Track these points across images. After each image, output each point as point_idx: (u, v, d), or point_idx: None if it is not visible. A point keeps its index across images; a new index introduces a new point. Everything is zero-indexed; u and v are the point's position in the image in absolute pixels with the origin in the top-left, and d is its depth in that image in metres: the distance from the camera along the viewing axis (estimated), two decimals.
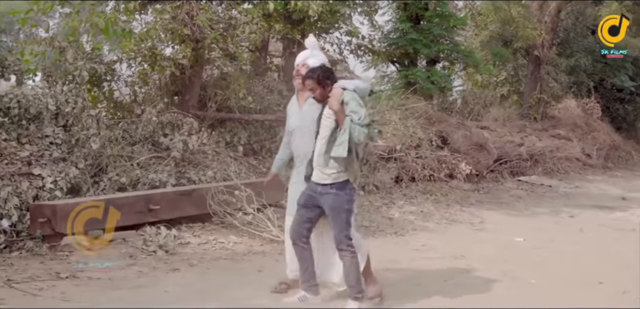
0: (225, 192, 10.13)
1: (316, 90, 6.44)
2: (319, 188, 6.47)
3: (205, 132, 12.67)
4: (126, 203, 9.40)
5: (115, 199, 9.48)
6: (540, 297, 7.55)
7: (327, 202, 6.44)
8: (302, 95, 6.94)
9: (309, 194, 6.58)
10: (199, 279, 7.80)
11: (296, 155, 7.03)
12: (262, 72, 15.52)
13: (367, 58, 19.54)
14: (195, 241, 9.41)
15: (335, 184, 6.40)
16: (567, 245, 10.70)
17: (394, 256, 9.09)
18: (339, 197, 6.40)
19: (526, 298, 7.46)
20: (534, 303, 7.30)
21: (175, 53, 12.45)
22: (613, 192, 18.23)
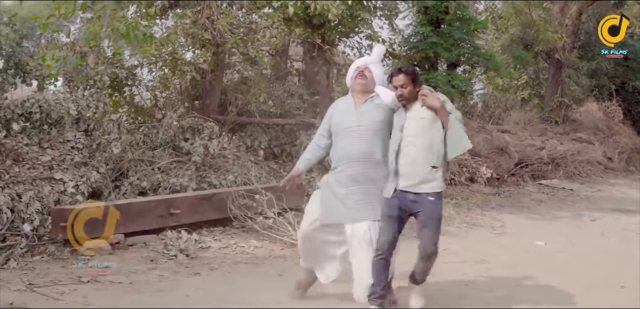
0: (246, 197, 10.14)
1: (408, 87, 6.13)
2: (412, 196, 6.16)
3: (225, 136, 12.70)
4: (147, 207, 9.44)
5: (137, 203, 9.51)
6: (561, 301, 7.51)
7: (426, 210, 6.14)
8: (360, 96, 6.60)
9: (399, 204, 6.22)
10: (220, 283, 7.81)
11: (341, 157, 6.55)
12: (282, 76, 15.55)
13: (388, 62, 19.50)
14: (216, 245, 9.43)
15: (435, 193, 6.16)
16: (588, 249, 10.64)
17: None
18: (437, 206, 6.17)
19: (548, 302, 7.42)
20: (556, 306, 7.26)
21: (196, 57, 12.48)
22: (635, 195, 18.09)
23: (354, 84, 6.63)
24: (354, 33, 15.29)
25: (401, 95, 6.18)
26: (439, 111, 6.05)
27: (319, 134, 6.86)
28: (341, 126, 6.57)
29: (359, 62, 6.78)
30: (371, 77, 6.59)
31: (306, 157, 6.96)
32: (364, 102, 6.55)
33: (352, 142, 6.46)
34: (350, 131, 6.49)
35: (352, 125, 6.48)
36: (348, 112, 6.59)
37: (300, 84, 15.38)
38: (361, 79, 6.56)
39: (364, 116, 6.48)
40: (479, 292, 7.74)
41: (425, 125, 6.11)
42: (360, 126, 6.45)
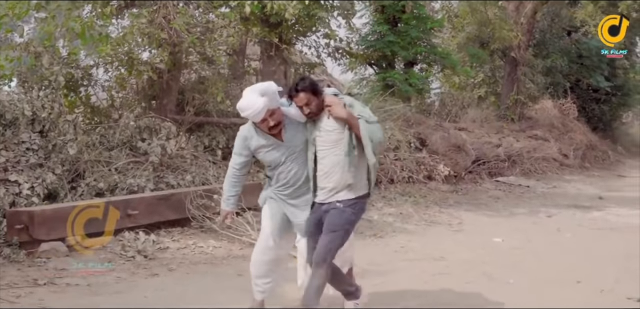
0: (204, 197, 10.11)
1: (312, 102, 5.82)
2: (325, 207, 5.93)
3: (183, 136, 12.62)
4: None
5: (87, 205, 9.41)
6: (518, 297, 7.58)
7: (328, 217, 5.89)
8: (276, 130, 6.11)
9: (317, 218, 6.00)
10: (179, 284, 7.77)
11: (286, 184, 6.23)
12: (240, 75, 15.50)
13: (345, 61, 19.60)
14: (174, 246, 9.37)
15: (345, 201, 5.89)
16: (545, 245, 10.76)
17: (373, 258, 9.10)
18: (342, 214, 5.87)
19: (505, 298, 7.48)
20: (513, 303, 7.33)
21: (153, 57, 12.41)
22: (590, 191, 18.35)
23: (268, 132, 6.13)
24: (311, 32, 15.30)
25: (309, 113, 5.90)
26: (348, 119, 5.75)
27: (238, 166, 6.43)
28: (274, 160, 6.20)
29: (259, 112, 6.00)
30: (279, 113, 6.09)
31: (232, 195, 6.54)
32: (284, 130, 6.14)
33: (291, 172, 6.18)
34: (286, 161, 6.16)
35: (287, 155, 6.15)
36: (270, 145, 6.19)
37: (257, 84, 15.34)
38: (276, 128, 6.10)
39: (291, 143, 6.14)
40: (438, 289, 7.79)
41: (335, 137, 5.85)
42: (293, 153, 6.15)
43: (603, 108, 32.96)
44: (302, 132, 6.14)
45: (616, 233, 12.17)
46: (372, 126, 5.79)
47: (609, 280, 8.42)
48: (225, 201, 6.57)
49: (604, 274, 8.75)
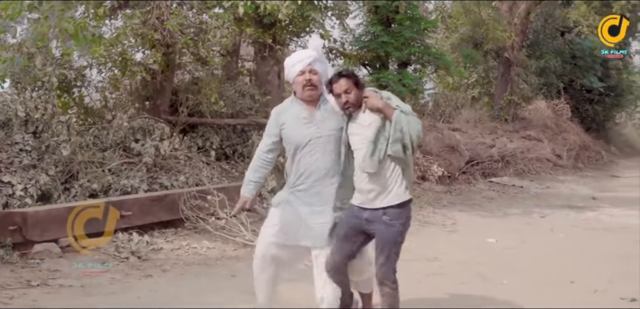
0: (198, 197, 10.10)
1: (352, 91, 5.41)
2: (366, 213, 5.47)
3: (177, 137, 12.62)
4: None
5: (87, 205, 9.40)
6: (512, 297, 7.59)
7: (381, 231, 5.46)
8: (309, 101, 5.75)
9: (358, 224, 5.53)
10: (172, 284, 7.76)
11: (304, 175, 5.80)
12: (233, 76, 15.49)
13: (339, 61, 19.58)
14: (167, 247, 9.35)
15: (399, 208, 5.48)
16: (538, 245, 10.78)
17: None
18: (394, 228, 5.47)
19: (499, 298, 7.49)
20: (507, 304, 7.34)
21: (146, 58, 12.37)
22: (583, 192, 18.39)
23: (301, 91, 5.74)
24: (305, 33, 15.29)
25: (347, 102, 5.45)
26: (384, 110, 5.28)
27: (265, 148, 6.04)
28: (297, 139, 5.75)
29: (301, 61, 5.77)
30: (318, 79, 5.73)
31: (253, 180, 6.08)
32: (317, 108, 5.75)
33: (315, 157, 5.72)
34: (310, 144, 5.71)
35: (312, 137, 5.69)
36: (302, 121, 5.75)
37: (251, 84, 15.34)
38: (310, 90, 5.70)
39: (322, 125, 5.71)
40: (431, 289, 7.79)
41: (374, 132, 5.34)
42: (320, 137, 5.68)
43: (596, 108, 33.07)
44: (337, 120, 5.65)
45: (610, 233, 12.19)
46: (410, 117, 5.26)
47: (602, 280, 8.44)
48: (245, 185, 6.07)
49: (598, 275, 8.77)
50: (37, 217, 8.53)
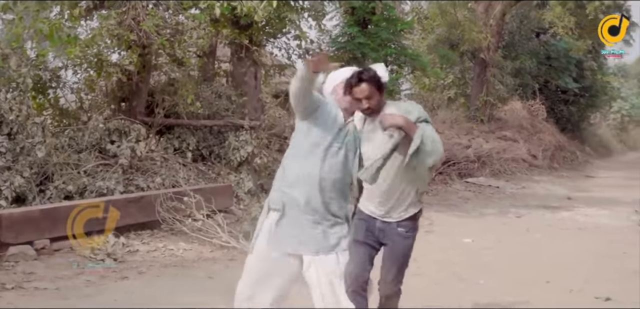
0: (174, 199, 10.07)
1: (374, 97, 5.03)
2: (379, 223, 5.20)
3: (153, 138, 12.56)
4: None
5: (62, 207, 9.35)
6: (488, 297, 7.62)
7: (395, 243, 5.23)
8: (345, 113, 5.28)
9: (370, 229, 5.22)
10: (149, 286, 7.73)
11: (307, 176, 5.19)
12: (210, 77, 15.44)
13: None
14: (144, 249, 9.31)
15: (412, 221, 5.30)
16: (514, 245, 10.84)
17: None
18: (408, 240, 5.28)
19: (475, 298, 7.53)
20: (483, 304, 7.37)
21: (122, 59, 12.31)
22: (559, 192, 18.51)
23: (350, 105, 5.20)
24: (282, 34, 15.27)
25: (368, 108, 5.05)
26: (406, 127, 4.88)
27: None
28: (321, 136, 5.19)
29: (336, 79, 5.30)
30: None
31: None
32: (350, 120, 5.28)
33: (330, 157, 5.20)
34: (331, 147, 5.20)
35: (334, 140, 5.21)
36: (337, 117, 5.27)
37: (228, 85, 15.30)
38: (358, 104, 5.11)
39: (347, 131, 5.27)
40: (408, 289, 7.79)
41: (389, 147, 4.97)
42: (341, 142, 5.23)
43: (571, 109, 33.30)
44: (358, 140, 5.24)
45: (585, 233, 12.29)
46: (434, 134, 5.00)
47: (577, 280, 8.50)
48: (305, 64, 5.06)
49: (573, 274, 8.84)
50: (11, 219, 8.48)
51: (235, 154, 13.10)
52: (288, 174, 5.26)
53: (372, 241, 5.22)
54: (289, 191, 5.20)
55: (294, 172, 5.22)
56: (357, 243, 5.20)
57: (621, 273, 9.13)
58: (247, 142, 13.20)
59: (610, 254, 10.43)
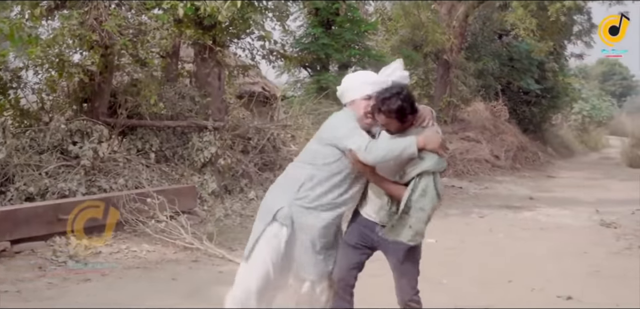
0: (137, 200, 10.01)
1: (391, 126, 4.90)
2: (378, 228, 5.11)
3: (115, 139, 12.46)
4: (34, 213, 9.19)
5: (23, 209, 9.25)
6: (451, 297, 7.66)
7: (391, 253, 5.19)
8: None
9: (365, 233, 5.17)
10: (111, 289, 7.67)
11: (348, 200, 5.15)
12: (173, 78, 15.35)
13: (279, 63, 19.56)
14: (106, 250, 9.24)
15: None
16: (477, 245, 10.91)
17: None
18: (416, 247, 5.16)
19: (438, 298, 7.56)
20: (446, 303, 7.41)
21: (84, 59, 12.20)
22: (521, 192, 18.66)
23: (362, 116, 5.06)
24: (246, 34, 15.23)
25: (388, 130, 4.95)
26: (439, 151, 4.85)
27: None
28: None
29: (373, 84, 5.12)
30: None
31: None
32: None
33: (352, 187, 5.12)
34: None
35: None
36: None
37: (191, 86, 15.23)
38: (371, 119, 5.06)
39: None
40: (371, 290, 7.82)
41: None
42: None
43: (533, 110, 33.57)
44: None
45: (546, 232, 12.41)
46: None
47: (539, 279, 8.59)
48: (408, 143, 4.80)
49: (535, 273, 8.93)
50: None
51: (198, 155, 13.04)
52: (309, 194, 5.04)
53: (364, 246, 5.16)
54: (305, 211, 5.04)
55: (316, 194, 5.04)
56: (347, 246, 5.17)
57: (582, 272, 9.24)
58: (211, 143, 13.15)
59: (572, 254, 10.55)
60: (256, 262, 5.06)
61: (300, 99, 20.21)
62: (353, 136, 4.90)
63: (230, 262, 8.99)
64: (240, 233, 10.96)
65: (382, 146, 4.82)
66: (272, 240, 5.04)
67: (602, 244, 11.40)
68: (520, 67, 31.76)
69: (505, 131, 27.54)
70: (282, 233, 5.03)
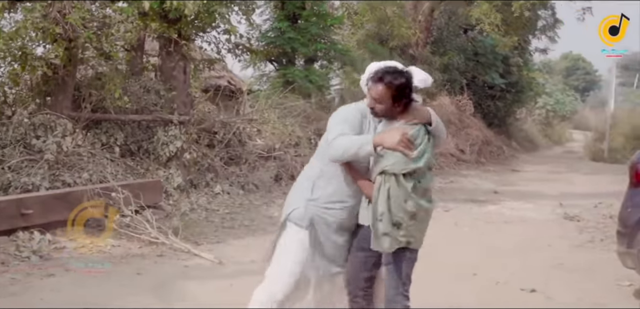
0: (102, 195, 9.92)
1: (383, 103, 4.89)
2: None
3: (80, 133, 12.35)
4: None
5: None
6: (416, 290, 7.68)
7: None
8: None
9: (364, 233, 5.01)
10: (76, 284, 7.60)
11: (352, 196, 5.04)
12: (138, 71, 15.25)
13: (245, 57, 19.49)
14: (71, 245, 9.15)
15: None
16: (442, 239, 10.92)
17: None
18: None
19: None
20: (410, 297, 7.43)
21: (47, 52, 12.07)
22: (486, 186, 18.79)
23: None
24: (211, 28, 15.17)
25: (373, 109, 4.93)
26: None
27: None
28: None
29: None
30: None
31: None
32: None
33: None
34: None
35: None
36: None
37: (156, 80, 15.14)
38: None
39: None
40: None
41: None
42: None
43: (498, 104, 33.81)
44: None
45: (511, 226, 12.52)
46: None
47: (504, 272, 8.66)
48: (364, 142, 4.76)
49: (499, 267, 9.01)
50: None
51: (164, 149, 12.98)
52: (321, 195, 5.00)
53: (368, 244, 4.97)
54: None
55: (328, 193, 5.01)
56: (354, 248, 5.12)
57: (546, 265, 9.34)
58: (176, 137, 13.09)
59: (536, 247, 10.66)
60: (283, 268, 5.01)
61: (266, 93, 20.17)
62: (330, 130, 4.87)
63: (195, 256, 8.97)
64: (206, 227, 10.93)
65: (342, 143, 4.75)
66: (294, 244, 5.00)
67: (566, 238, 11.53)
68: (485, 62, 31.98)
69: (470, 125, 27.73)
70: (303, 235, 4.97)
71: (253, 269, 6.87)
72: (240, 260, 8.99)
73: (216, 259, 8.93)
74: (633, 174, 7.79)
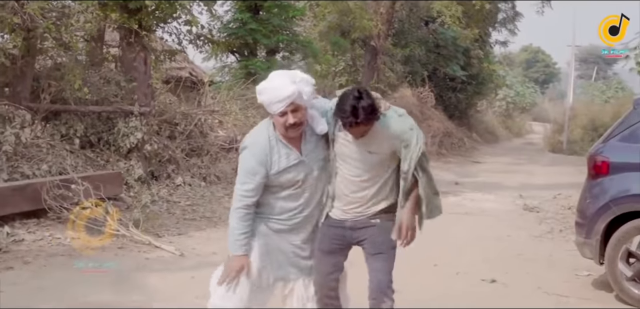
0: (61, 187, 9.83)
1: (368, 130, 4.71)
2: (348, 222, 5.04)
3: (39, 124, 12.21)
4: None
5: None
6: None
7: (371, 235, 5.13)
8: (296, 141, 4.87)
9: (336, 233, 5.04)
10: (35, 277, 7.54)
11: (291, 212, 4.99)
12: (98, 62, 15.12)
13: (207, 48, 19.40)
14: (30, 238, 9.07)
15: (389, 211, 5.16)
16: None
17: None
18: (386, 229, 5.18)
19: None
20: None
21: (5, 43, 11.93)
22: (447, 178, 18.89)
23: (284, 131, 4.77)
24: (172, 19, 15.07)
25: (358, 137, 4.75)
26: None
27: (250, 193, 4.85)
28: (289, 182, 4.87)
29: (281, 102, 4.73)
30: (303, 114, 4.80)
31: (244, 232, 4.95)
32: (304, 140, 4.89)
33: (305, 195, 4.96)
34: (302, 185, 4.89)
35: (306, 176, 4.87)
36: (293, 163, 4.83)
37: (117, 71, 15.02)
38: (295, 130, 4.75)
39: (312, 159, 4.90)
40: None
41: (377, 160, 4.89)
42: (312, 173, 4.90)
43: (459, 96, 34.07)
44: (323, 144, 4.96)
45: (471, 217, 12.62)
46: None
47: (464, 263, 8.75)
48: (234, 243, 4.96)
49: (460, 257, 9.10)
50: None
51: (124, 141, 12.88)
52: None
53: (339, 247, 5.09)
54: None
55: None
56: (322, 252, 5.07)
57: (506, 256, 9.45)
58: (137, 129, 12.99)
59: (496, 238, 10.76)
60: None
61: (227, 84, 20.13)
62: (238, 178, 4.93)
63: (157, 249, 8.92)
64: (167, 219, 10.89)
65: (232, 221, 5.01)
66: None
67: (525, 228, 11.67)
68: (447, 54, 32.19)
69: (431, 117, 27.88)
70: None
71: (214, 261, 6.84)
72: (202, 252, 8.98)
73: (177, 251, 8.91)
74: (591, 166, 7.90)
